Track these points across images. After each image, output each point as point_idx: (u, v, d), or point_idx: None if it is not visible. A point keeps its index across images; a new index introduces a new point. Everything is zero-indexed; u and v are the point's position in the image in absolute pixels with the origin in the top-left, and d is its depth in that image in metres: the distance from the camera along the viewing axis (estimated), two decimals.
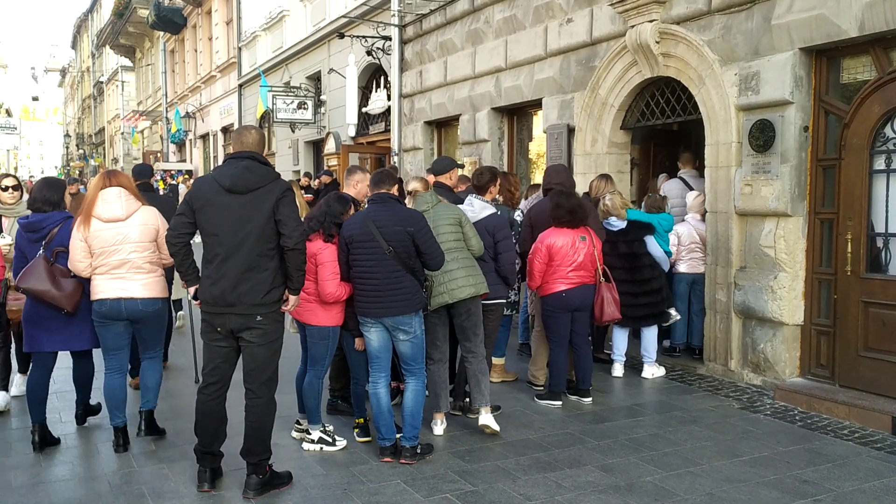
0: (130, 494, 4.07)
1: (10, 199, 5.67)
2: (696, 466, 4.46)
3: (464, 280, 4.81)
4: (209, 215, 3.93)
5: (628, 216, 6.28)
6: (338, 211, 4.60)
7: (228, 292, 3.89)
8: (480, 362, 4.97)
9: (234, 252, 3.89)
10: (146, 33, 31.46)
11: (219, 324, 3.97)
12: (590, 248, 5.58)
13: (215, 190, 3.94)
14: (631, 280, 6.20)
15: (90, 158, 51.70)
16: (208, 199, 3.94)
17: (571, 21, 8.02)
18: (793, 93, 5.75)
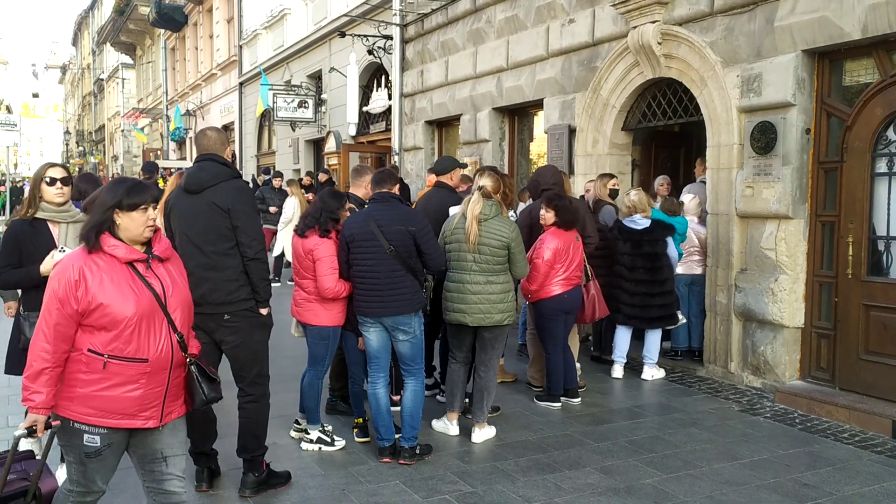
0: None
1: (59, 198, 4.04)
2: (696, 469, 4.45)
3: (501, 305, 4.74)
4: (174, 217, 4.02)
5: (653, 216, 6.27)
6: (333, 206, 4.59)
7: (192, 292, 3.85)
8: (491, 378, 4.94)
9: (194, 251, 3.89)
10: (147, 31, 31.43)
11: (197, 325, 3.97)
12: (580, 250, 5.57)
13: (178, 192, 4.04)
14: (651, 280, 6.20)
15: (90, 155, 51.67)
16: (173, 202, 4.06)
17: (573, 21, 8.01)
18: (795, 95, 5.74)
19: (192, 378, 2.92)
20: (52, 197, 4.01)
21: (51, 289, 2.68)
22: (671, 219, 6.40)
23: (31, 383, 2.67)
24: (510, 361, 6.63)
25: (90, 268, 2.68)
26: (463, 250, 4.74)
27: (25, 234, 3.93)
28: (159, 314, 2.76)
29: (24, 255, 3.89)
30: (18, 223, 3.96)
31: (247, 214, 3.94)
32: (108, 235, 2.71)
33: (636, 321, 6.30)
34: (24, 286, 3.95)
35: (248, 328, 3.98)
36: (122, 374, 2.69)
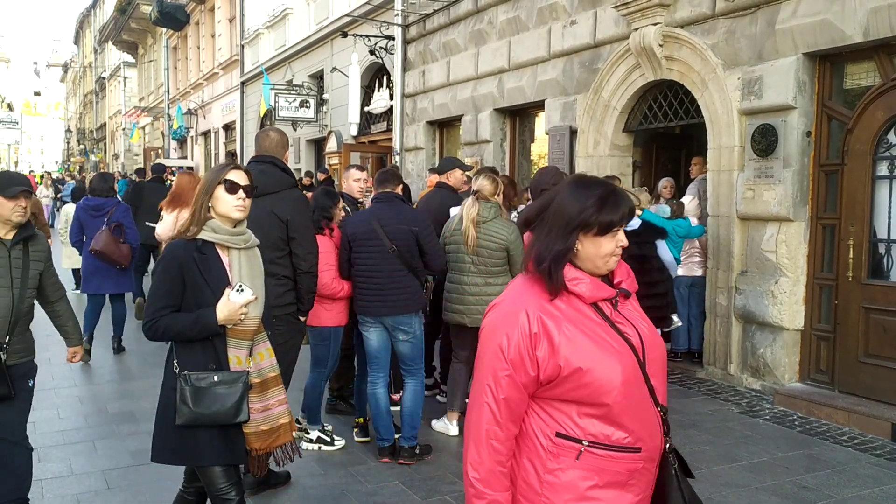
0: (127, 491, 4.06)
1: (239, 212, 2.85)
2: (695, 471, 4.39)
3: None
4: None
5: (643, 217, 6.25)
6: (326, 205, 4.61)
7: None
8: None
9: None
10: (149, 29, 31.44)
11: None
12: None
13: None
14: (639, 282, 6.16)
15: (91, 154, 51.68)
16: None
17: (575, 23, 8.02)
18: (796, 98, 5.75)
19: (671, 474, 1.93)
20: (228, 210, 2.81)
21: (493, 346, 1.82)
22: (671, 222, 6.38)
23: (487, 487, 1.81)
24: None
25: (550, 315, 1.80)
26: (461, 252, 4.74)
27: (193, 264, 2.74)
28: (640, 378, 1.87)
29: (187, 293, 2.75)
30: (183, 246, 2.77)
31: (305, 227, 3.95)
32: (569, 267, 1.85)
33: None
34: (191, 337, 2.76)
35: (287, 332, 4.01)
36: (606, 470, 1.81)
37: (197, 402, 2.68)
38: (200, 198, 2.82)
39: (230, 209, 2.81)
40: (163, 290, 2.75)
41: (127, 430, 5.05)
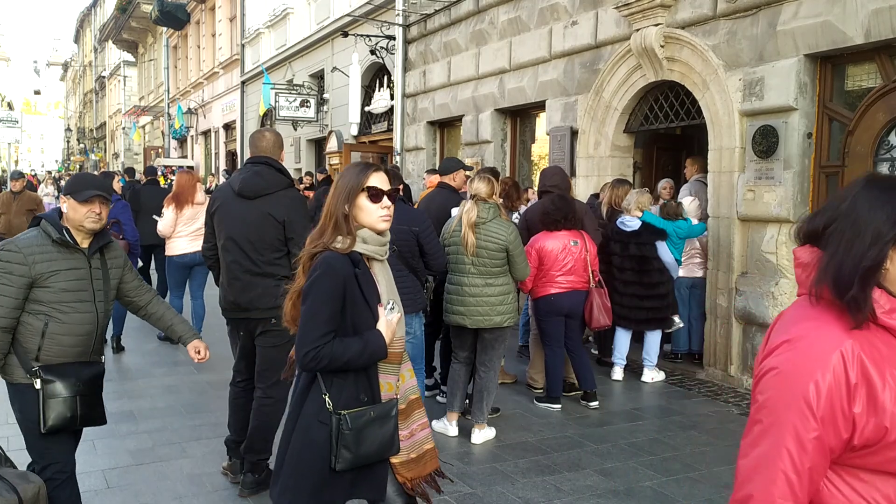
0: (127, 491, 4.05)
1: (384, 223, 2.49)
2: (696, 472, 4.45)
3: (500, 308, 4.75)
4: (221, 219, 3.97)
5: (643, 218, 6.25)
6: None
7: (240, 297, 3.90)
8: (491, 379, 4.94)
9: (243, 258, 3.89)
10: (149, 29, 31.45)
11: (240, 328, 4.01)
12: (581, 253, 5.52)
13: (228, 193, 3.97)
14: (639, 282, 6.19)
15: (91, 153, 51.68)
16: (221, 204, 3.98)
17: (576, 23, 8.02)
18: (797, 99, 5.75)
19: None
20: (374, 221, 2.43)
21: (795, 397, 1.35)
22: (671, 223, 6.37)
23: None
24: (510, 363, 6.63)
25: (871, 357, 1.35)
26: (461, 253, 4.74)
27: (353, 281, 2.36)
28: None
29: (346, 314, 2.37)
30: (341, 261, 2.36)
31: (302, 227, 3.94)
32: (879, 292, 1.36)
33: (625, 322, 6.29)
34: (358, 366, 2.37)
35: (286, 332, 3.99)
36: None
37: (359, 444, 2.33)
38: (340, 206, 2.40)
39: (376, 220, 2.44)
40: (325, 314, 2.31)
41: (126, 429, 5.04)
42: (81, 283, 3.03)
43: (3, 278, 2.90)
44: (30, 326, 2.96)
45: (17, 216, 9.54)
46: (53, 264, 2.96)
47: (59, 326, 2.97)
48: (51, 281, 2.95)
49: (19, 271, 2.90)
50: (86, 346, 3.09)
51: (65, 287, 2.98)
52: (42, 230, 3.01)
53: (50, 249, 2.97)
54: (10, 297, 2.90)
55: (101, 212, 3.03)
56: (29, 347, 2.96)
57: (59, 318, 2.97)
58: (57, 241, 2.97)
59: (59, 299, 2.97)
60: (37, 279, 2.92)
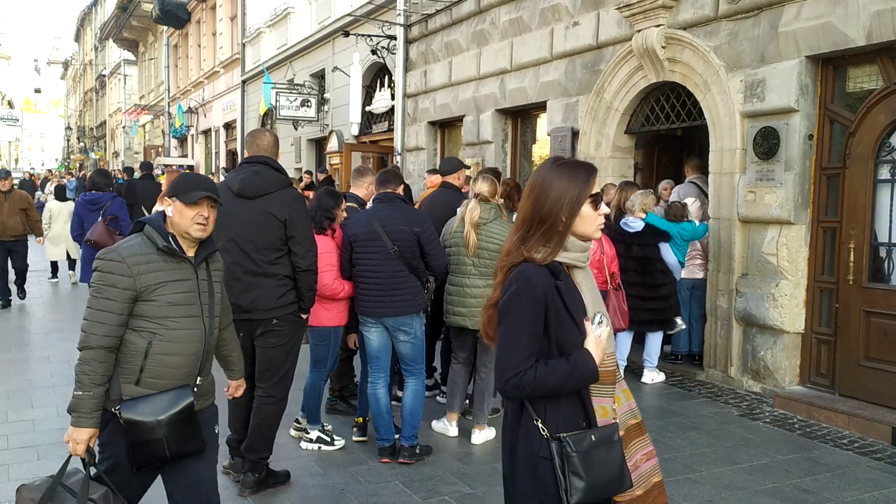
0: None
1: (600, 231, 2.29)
2: (695, 473, 4.45)
3: None
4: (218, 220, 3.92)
5: (647, 220, 6.25)
6: (329, 205, 4.60)
7: (241, 299, 3.89)
8: (492, 380, 4.93)
9: (243, 258, 3.88)
10: (150, 27, 31.44)
11: (240, 329, 3.99)
12: (597, 254, 5.51)
13: (226, 195, 3.94)
14: (642, 283, 6.18)
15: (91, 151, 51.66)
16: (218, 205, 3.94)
17: (577, 24, 8.01)
18: (798, 101, 5.74)
19: None
20: (592, 231, 2.18)
21: None
22: (676, 224, 6.37)
23: None
24: None
25: None
26: (462, 254, 4.74)
27: (556, 295, 2.09)
28: None
29: (550, 331, 2.09)
30: (539, 273, 2.09)
31: (303, 226, 3.94)
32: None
33: (630, 323, 6.28)
34: (567, 391, 2.10)
35: (289, 331, 4.02)
36: None
37: (589, 470, 2.04)
38: (557, 214, 2.10)
39: (594, 229, 2.18)
40: (525, 335, 2.04)
41: None
42: (189, 297, 2.70)
43: (105, 291, 2.58)
44: (131, 345, 2.62)
45: (9, 216, 9.36)
46: (160, 275, 2.63)
47: (164, 345, 2.63)
48: (156, 294, 2.61)
49: (123, 283, 2.57)
50: (192, 367, 2.72)
51: (171, 301, 2.64)
52: (146, 237, 2.67)
53: (155, 259, 2.64)
54: (114, 312, 2.57)
55: (209, 216, 2.70)
56: (129, 368, 2.62)
57: (164, 335, 2.63)
58: (162, 250, 2.64)
59: (165, 314, 2.63)
60: (142, 292, 2.59)
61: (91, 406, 2.58)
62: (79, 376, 2.57)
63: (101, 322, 2.56)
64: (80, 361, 2.58)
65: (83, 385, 2.57)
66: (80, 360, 2.58)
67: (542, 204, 2.11)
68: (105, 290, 2.58)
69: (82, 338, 2.58)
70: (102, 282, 2.59)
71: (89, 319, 2.58)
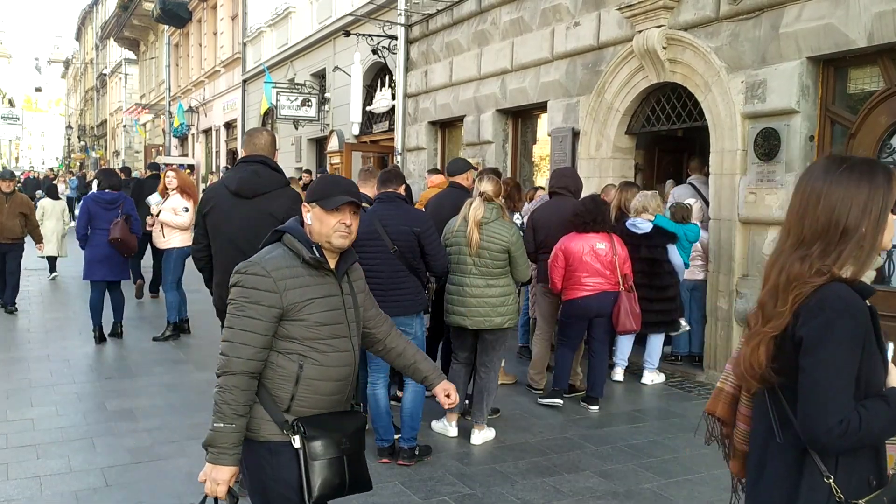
0: (126, 489, 4.05)
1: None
2: (696, 474, 4.44)
3: (501, 309, 4.75)
4: (216, 219, 3.93)
5: (655, 222, 6.24)
6: None
7: None
8: (492, 379, 4.93)
9: (241, 257, 3.84)
10: (151, 27, 31.44)
11: None
12: (609, 256, 5.49)
13: (223, 193, 3.93)
14: (649, 285, 6.17)
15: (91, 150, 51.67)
16: (215, 203, 3.93)
17: (578, 25, 8.01)
18: (799, 102, 5.74)
19: None
20: (887, 240, 1.85)
21: None
22: (682, 226, 6.36)
23: None
24: (510, 363, 6.62)
25: None
26: (463, 253, 4.74)
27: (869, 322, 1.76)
28: None
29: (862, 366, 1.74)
30: (854, 296, 1.75)
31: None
32: None
33: None
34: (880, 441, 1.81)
35: None
36: None
37: None
38: (869, 225, 1.77)
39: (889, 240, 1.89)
40: (847, 373, 1.69)
41: (125, 427, 5.04)
42: (336, 315, 2.40)
43: (249, 309, 2.28)
44: (281, 370, 2.33)
45: (9, 218, 9.04)
46: (307, 291, 2.34)
47: (315, 369, 2.34)
48: (305, 312, 2.32)
49: (270, 300, 2.28)
50: (343, 392, 2.44)
51: (320, 320, 2.35)
52: (288, 247, 2.38)
53: (301, 272, 2.35)
54: (259, 333, 2.28)
55: (351, 223, 2.39)
56: (279, 396, 2.33)
57: (315, 358, 2.35)
58: (308, 262, 2.35)
59: (314, 335, 2.34)
60: (289, 310, 2.30)
61: (233, 440, 2.25)
62: (219, 406, 2.24)
63: (245, 344, 2.26)
64: (221, 389, 2.25)
65: (224, 416, 2.24)
66: (220, 388, 2.26)
67: (842, 213, 1.77)
68: (249, 307, 2.28)
69: (223, 362, 2.27)
70: (245, 298, 2.29)
71: (231, 341, 2.28)
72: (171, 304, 7.81)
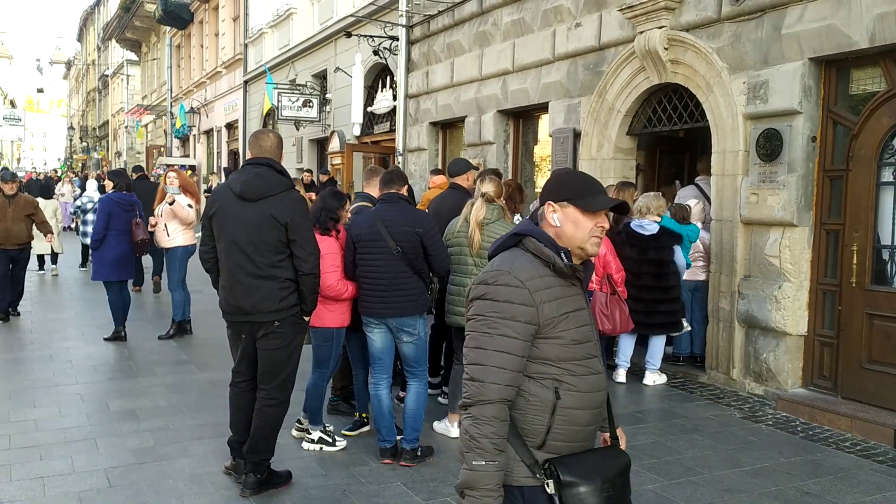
0: (129, 490, 4.05)
1: None
2: (697, 476, 4.44)
3: None
4: (220, 221, 3.94)
5: (662, 223, 6.24)
6: (333, 206, 4.60)
7: (243, 301, 3.89)
8: None
9: (245, 261, 3.88)
10: (152, 28, 31.47)
11: (242, 331, 4.00)
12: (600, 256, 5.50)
13: (227, 196, 3.94)
14: (656, 286, 6.17)
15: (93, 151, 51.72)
16: (220, 206, 3.95)
17: (580, 25, 8.01)
18: (801, 102, 5.74)
19: None
20: None
21: None
22: (683, 227, 6.37)
23: None
24: None
25: None
26: (464, 254, 4.74)
27: None
28: None
29: None
30: None
31: (305, 228, 3.94)
32: None
33: (640, 327, 6.28)
34: None
35: (291, 333, 4.01)
36: None
37: None
38: None
39: None
40: None
41: (128, 428, 5.04)
42: (587, 331, 2.10)
43: (503, 326, 1.97)
44: (534, 398, 2.01)
45: (14, 223, 8.58)
46: (562, 304, 2.03)
47: (572, 396, 2.02)
48: (560, 329, 2.02)
49: (526, 315, 1.98)
50: (597, 422, 2.13)
51: (576, 337, 2.04)
52: (533, 253, 2.06)
53: (553, 282, 2.04)
54: (515, 354, 1.97)
55: (605, 227, 2.12)
56: (532, 430, 2.01)
57: (571, 383, 2.03)
58: (559, 271, 2.05)
59: (570, 355, 2.03)
60: (544, 327, 2.00)
61: (497, 480, 1.94)
62: (478, 441, 1.93)
63: (501, 367, 1.95)
64: (477, 421, 1.94)
65: (485, 452, 1.93)
66: (475, 420, 1.95)
67: None
68: (502, 324, 1.97)
69: (475, 389, 1.96)
70: (498, 314, 1.97)
71: (483, 364, 1.96)
72: (177, 302, 7.84)
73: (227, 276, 3.95)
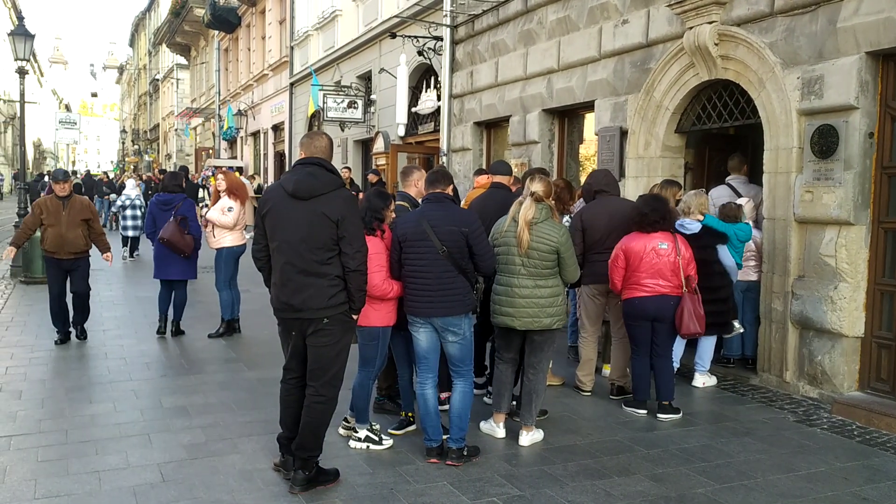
0: (181, 485, 4.13)
1: None
2: (750, 480, 4.34)
3: (550, 309, 4.71)
4: (273, 220, 4.03)
5: (705, 222, 6.13)
6: (378, 206, 4.62)
7: (293, 299, 3.95)
8: (540, 381, 4.89)
9: (296, 257, 3.94)
10: (201, 32, 32.11)
11: (292, 328, 4.06)
12: (671, 256, 5.39)
13: (280, 195, 4.02)
14: (700, 287, 6.04)
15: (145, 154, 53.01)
16: (273, 204, 4.04)
17: (627, 22, 7.91)
18: (858, 98, 5.57)
19: None
20: None
21: None
22: (730, 226, 6.22)
23: None
24: (558, 365, 6.57)
25: None
26: (512, 254, 4.72)
27: None
28: None
29: None
30: None
31: (355, 226, 4.00)
32: None
33: None
34: None
35: (340, 331, 4.06)
36: None
37: None
38: None
39: None
40: None
41: (181, 424, 5.15)
42: None
43: None
44: None
45: (69, 229, 7.46)
46: None
47: None
48: None
49: None
50: None
51: None
52: None
53: None
54: None
55: None
56: None
57: None
58: None
59: None
60: None
61: None
62: None
63: None
64: None
65: None
66: None
67: None
68: None
69: None
70: None
71: None
72: (225, 302, 7.99)
73: (279, 274, 4.02)
